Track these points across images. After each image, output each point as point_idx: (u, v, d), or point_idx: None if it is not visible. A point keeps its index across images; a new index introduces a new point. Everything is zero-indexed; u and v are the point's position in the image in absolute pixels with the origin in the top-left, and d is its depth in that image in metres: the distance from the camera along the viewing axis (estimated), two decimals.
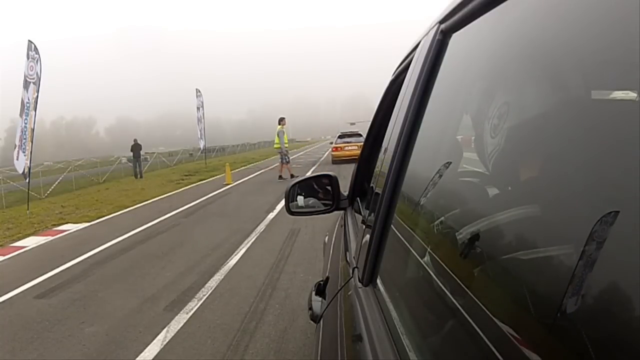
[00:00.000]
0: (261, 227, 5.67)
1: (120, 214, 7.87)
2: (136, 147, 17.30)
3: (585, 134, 0.32)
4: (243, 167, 18.52)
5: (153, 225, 6.42)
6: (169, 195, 9.94)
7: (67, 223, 7.18)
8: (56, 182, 13.19)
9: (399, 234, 0.71)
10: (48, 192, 12.30)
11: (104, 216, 7.65)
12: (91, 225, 6.95)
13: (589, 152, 0.30)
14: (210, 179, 13.44)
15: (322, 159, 21.35)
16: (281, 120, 11.09)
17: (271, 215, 6.38)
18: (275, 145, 11.50)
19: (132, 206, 8.65)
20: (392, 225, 0.73)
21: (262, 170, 15.57)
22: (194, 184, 12.21)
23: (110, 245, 5.27)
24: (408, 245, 0.65)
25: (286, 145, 11.49)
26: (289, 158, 11.74)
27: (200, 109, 22.40)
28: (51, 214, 8.37)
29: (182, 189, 11.19)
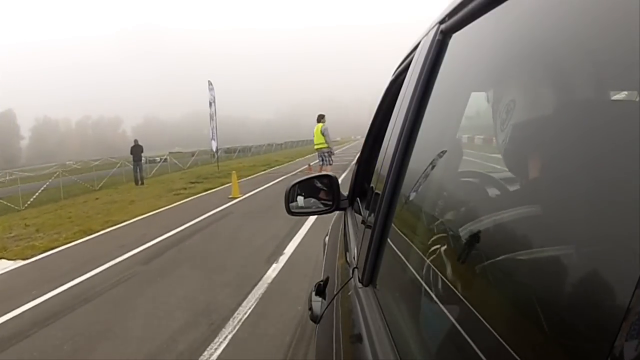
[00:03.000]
0: (250, 302, 3.10)
1: (74, 245, 5.87)
2: (136, 150, 14.90)
3: (586, 134, 0.32)
4: (262, 172, 15.91)
5: (90, 278, 4.17)
6: (154, 214, 7.87)
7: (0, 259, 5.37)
8: (39, 191, 11.57)
9: (399, 234, 0.71)
10: (29, 202, 10.68)
11: (53, 248, 5.71)
12: (23, 266, 5.05)
13: (590, 152, 0.30)
14: (217, 188, 11.39)
15: (355, 160, 18.24)
16: (323, 118, 9.79)
17: (274, 271, 3.75)
18: (316, 145, 10.01)
19: (98, 231, 6.64)
20: (392, 226, 0.73)
21: (283, 177, 12.87)
22: (194, 196, 10.13)
23: None
24: (408, 246, 0.65)
25: (325, 145, 10.12)
26: (332, 160, 10.09)
27: (213, 104, 18.88)
28: (1, 238, 6.73)
29: (177, 203, 9.20)
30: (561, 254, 0.30)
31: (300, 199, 1.53)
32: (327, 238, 1.98)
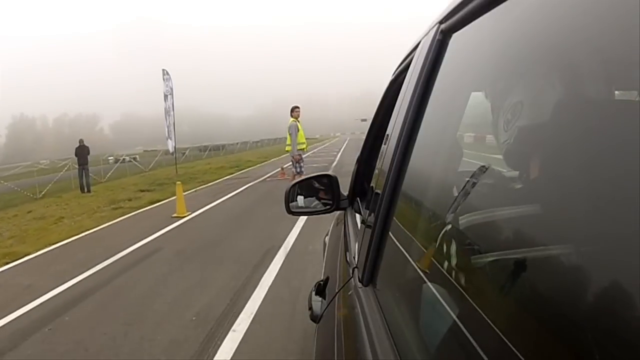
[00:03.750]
0: None
1: None
2: (81, 151, 12.18)
3: (587, 133, 0.32)
4: (228, 176, 13.59)
5: None
6: (67, 244, 5.86)
7: None
8: None
9: (399, 234, 0.71)
10: None
11: None
12: None
13: (591, 151, 0.30)
14: (166, 200, 9.01)
15: (336, 162, 15.80)
16: (293, 111, 7.56)
17: None
18: (287, 147, 7.79)
19: None
20: (392, 226, 0.73)
21: (249, 184, 10.65)
22: (134, 212, 8.01)
23: None
24: (408, 246, 0.65)
25: (303, 146, 7.77)
26: (301, 167, 7.83)
27: (169, 96, 15.58)
28: None
29: (108, 224, 7.09)
30: (563, 254, 0.30)
31: (300, 198, 1.54)
32: (327, 238, 1.99)
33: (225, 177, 13.40)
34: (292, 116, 7.56)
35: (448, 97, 0.67)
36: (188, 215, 6.98)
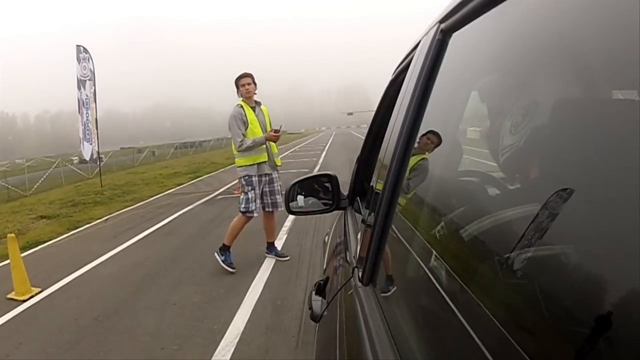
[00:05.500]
0: None
1: None
2: None
3: (585, 133, 0.32)
4: (173, 189, 10.22)
5: None
6: None
7: None
8: None
9: (398, 234, 0.71)
10: None
11: None
12: None
13: (589, 151, 0.30)
14: (46, 244, 5.55)
15: (319, 167, 12.16)
16: (239, 85, 3.62)
17: None
18: (237, 159, 3.60)
19: None
20: (392, 225, 0.74)
21: (191, 207, 7.21)
22: None
23: None
24: (408, 245, 0.65)
25: (260, 158, 3.54)
26: (249, 205, 3.47)
27: (88, 83, 10.69)
28: None
29: None
30: (562, 253, 0.30)
31: (300, 198, 1.54)
32: (327, 237, 1.99)
33: (168, 191, 9.94)
34: (239, 95, 3.71)
35: (448, 97, 0.67)
36: (31, 299, 3.55)
